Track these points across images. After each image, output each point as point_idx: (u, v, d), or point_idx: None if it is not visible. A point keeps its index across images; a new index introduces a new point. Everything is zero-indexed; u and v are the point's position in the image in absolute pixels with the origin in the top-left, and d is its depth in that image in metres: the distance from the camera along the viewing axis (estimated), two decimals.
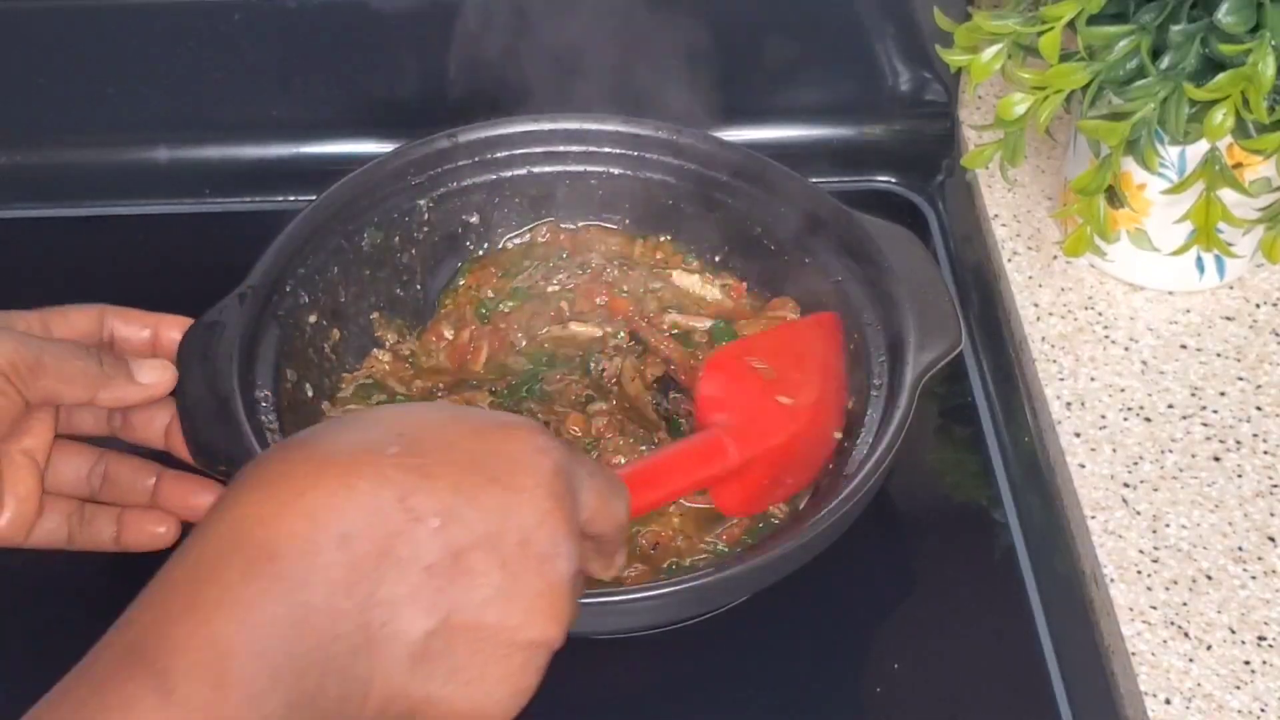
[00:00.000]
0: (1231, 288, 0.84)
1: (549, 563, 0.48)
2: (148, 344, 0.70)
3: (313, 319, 0.78)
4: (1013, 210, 0.91)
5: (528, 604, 0.48)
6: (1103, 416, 0.78)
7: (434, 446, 0.48)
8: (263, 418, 0.71)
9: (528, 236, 0.87)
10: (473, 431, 0.49)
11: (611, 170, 0.86)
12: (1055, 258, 0.87)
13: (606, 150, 0.86)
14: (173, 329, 0.71)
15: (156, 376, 0.67)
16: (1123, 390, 0.79)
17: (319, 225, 0.79)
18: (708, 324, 0.81)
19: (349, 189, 0.81)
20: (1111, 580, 0.70)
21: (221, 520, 0.46)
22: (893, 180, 0.98)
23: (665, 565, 0.71)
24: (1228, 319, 0.83)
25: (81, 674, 0.44)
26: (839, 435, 0.74)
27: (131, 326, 0.70)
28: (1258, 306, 0.84)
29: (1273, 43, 0.68)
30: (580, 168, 0.86)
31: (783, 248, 0.82)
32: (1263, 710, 0.65)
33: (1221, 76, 0.69)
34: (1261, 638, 0.68)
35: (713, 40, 0.90)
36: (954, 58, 0.76)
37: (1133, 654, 0.67)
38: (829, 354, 0.76)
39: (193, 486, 0.69)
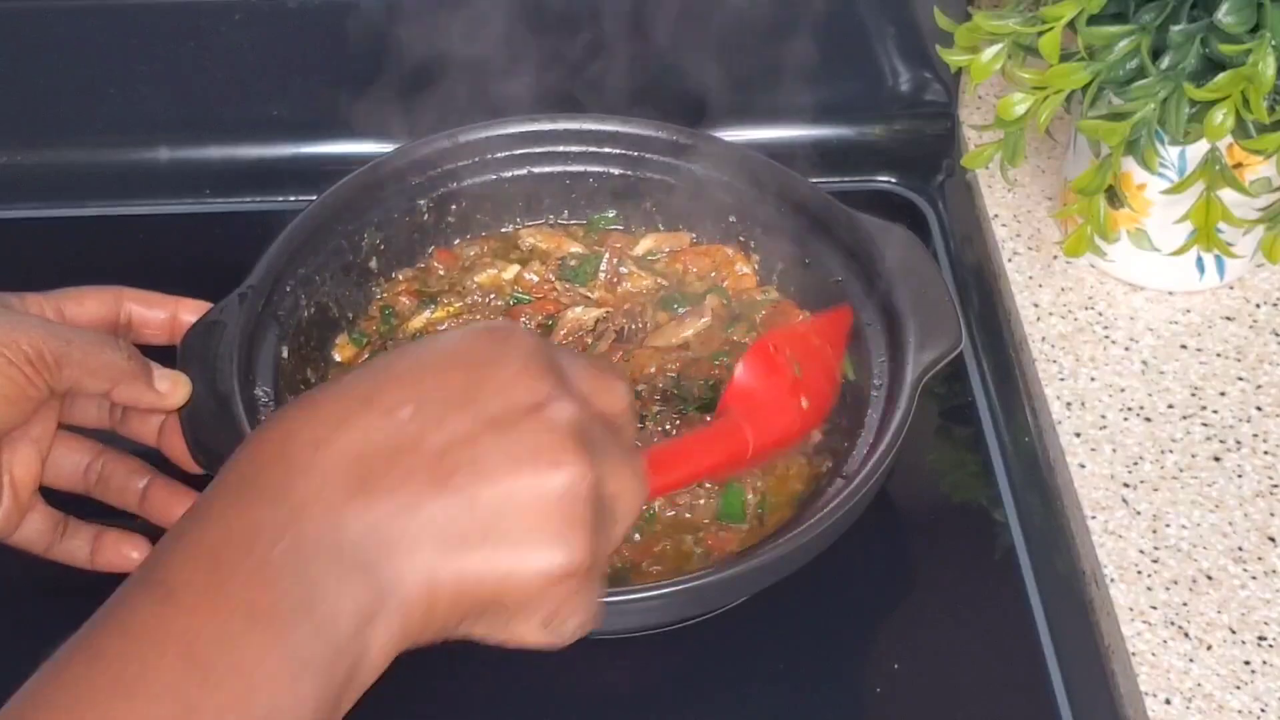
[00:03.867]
0: (1231, 288, 0.84)
1: (537, 412, 0.48)
2: (165, 326, 0.71)
3: (312, 318, 0.79)
4: (1013, 210, 0.91)
5: (532, 453, 0.47)
6: (1103, 416, 0.78)
7: (410, 361, 0.49)
8: (263, 417, 0.71)
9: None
10: (447, 344, 0.50)
11: (611, 170, 0.86)
12: (1055, 258, 0.87)
13: (606, 150, 0.86)
14: (190, 313, 0.71)
15: (170, 387, 0.67)
16: (1123, 390, 0.79)
17: (319, 225, 0.80)
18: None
19: (349, 189, 0.81)
20: (1111, 580, 0.70)
21: (233, 460, 0.47)
22: (893, 180, 0.98)
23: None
24: (1228, 319, 0.83)
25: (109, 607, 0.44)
26: (819, 435, 0.75)
27: (152, 309, 0.70)
28: (1258, 306, 0.84)
29: (1273, 43, 0.68)
30: (580, 168, 0.86)
31: (783, 248, 0.82)
32: (1263, 710, 0.65)
33: (1221, 76, 0.69)
34: (1261, 638, 0.68)
35: (713, 40, 0.90)
36: (954, 58, 0.76)
37: (1133, 654, 0.67)
38: (838, 357, 0.76)
39: (179, 497, 0.68)
